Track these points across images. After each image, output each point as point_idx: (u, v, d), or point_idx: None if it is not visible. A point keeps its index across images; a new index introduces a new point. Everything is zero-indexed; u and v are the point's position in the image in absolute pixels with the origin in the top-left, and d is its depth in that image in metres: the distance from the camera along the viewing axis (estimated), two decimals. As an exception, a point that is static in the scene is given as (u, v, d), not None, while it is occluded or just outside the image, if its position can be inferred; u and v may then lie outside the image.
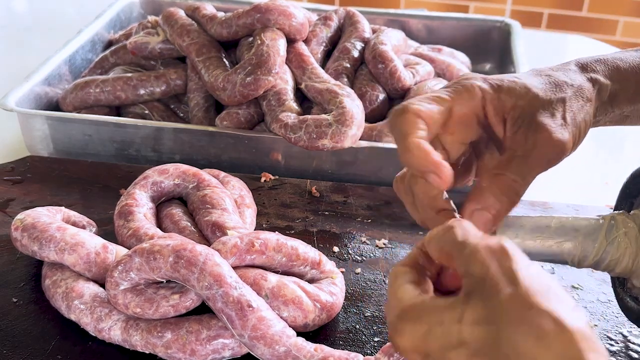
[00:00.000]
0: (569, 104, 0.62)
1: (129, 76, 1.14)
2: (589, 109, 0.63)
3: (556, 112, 0.61)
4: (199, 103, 1.11)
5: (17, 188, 0.99)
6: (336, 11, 1.25)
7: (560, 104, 0.62)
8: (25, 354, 0.71)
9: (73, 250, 0.76)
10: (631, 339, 0.76)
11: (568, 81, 0.64)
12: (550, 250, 0.63)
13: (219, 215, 0.83)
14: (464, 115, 0.61)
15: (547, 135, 0.59)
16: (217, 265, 0.70)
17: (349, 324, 0.77)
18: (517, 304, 0.42)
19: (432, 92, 0.62)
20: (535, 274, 0.44)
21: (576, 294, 0.83)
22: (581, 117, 0.62)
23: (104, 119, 1.07)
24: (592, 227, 0.64)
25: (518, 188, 0.59)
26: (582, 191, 1.07)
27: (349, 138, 0.98)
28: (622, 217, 0.64)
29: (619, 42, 2.69)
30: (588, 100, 0.63)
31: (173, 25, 1.16)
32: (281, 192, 1.00)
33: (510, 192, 0.59)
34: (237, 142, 1.04)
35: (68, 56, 1.22)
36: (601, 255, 0.63)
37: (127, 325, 0.71)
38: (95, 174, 1.03)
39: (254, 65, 1.04)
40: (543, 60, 1.54)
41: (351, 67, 1.16)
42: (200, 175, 0.90)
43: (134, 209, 0.84)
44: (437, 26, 1.42)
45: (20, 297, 0.79)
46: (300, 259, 0.77)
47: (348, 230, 0.93)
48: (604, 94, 0.66)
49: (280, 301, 0.72)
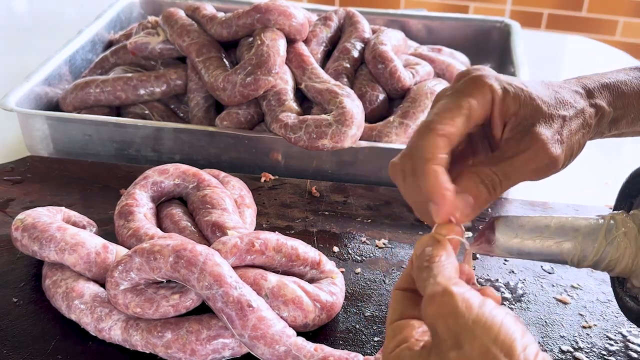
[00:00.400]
0: (568, 123, 0.63)
1: (129, 76, 1.14)
2: (585, 132, 0.64)
3: (554, 127, 0.62)
4: (199, 103, 1.11)
5: (17, 188, 0.99)
6: (336, 11, 1.25)
7: (560, 120, 0.62)
8: (26, 354, 0.71)
9: (73, 250, 0.76)
10: (630, 339, 0.77)
11: (572, 102, 0.64)
12: (549, 250, 0.63)
13: (219, 215, 0.83)
14: (478, 117, 0.61)
15: (541, 145, 0.60)
16: (217, 265, 0.70)
17: (348, 323, 0.77)
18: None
19: (449, 98, 0.60)
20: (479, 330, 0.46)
21: (576, 294, 0.83)
22: (576, 138, 0.63)
23: (104, 119, 1.07)
24: (592, 227, 0.64)
25: (496, 183, 0.59)
26: (582, 191, 1.07)
27: (349, 138, 0.98)
28: (621, 217, 0.64)
29: (618, 42, 2.69)
30: (587, 125, 0.64)
31: (173, 25, 1.16)
32: (281, 192, 1.00)
33: (488, 183, 0.59)
34: (237, 142, 1.04)
35: (68, 56, 1.22)
36: (601, 255, 0.63)
37: (127, 325, 0.72)
38: (95, 174, 1.03)
39: (254, 66, 1.04)
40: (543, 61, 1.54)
41: (351, 67, 1.16)
42: (200, 175, 0.90)
43: (134, 209, 0.84)
44: (437, 26, 1.42)
45: (21, 297, 0.79)
46: (300, 259, 0.77)
47: (348, 230, 0.93)
48: (605, 120, 0.66)
49: (280, 301, 0.72)
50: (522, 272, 0.86)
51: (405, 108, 1.08)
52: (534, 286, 0.84)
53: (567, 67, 1.64)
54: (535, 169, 0.60)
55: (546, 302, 0.81)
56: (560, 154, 0.61)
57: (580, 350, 0.75)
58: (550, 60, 1.61)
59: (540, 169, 0.61)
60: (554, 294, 0.83)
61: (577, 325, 0.78)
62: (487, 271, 0.86)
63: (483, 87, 0.61)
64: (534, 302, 0.81)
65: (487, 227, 0.65)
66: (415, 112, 1.07)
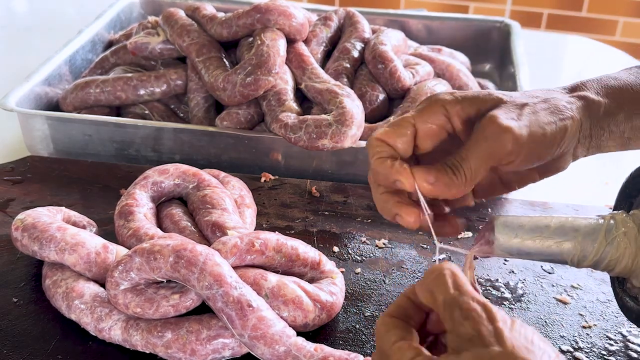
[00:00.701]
0: (531, 107, 0.64)
1: (129, 76, 1.14)
2: (563, 118, 0.64)
3: (512, 109, 0.63)
4: (199, 103, 1.11)
5: (17, 188, 0.99)
6: (336, 11, 1.25)
7: (520, 106, 0.64)
8: (26, 354, 0.71)
9: (73, 250, 0.76)
10: (630, 339, 0.77)
11: (542, 95, 0.66)
12: (549, 250, 0.63)
13: (219, 215, 0.83)
14: (429, 130, 0.65)
15: (490, 119, 0.62)
16: (217, 265, 0.70)
17: (348, 323, 0.77)
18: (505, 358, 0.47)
19: (399, 117, 0.66)
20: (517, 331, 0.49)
21: (576, 294, 0.83)
22: (546, 120, 0.63)
23: (104, 119, 1.07)
24: (592, 227, 0.64)
25: (457, 165, 0.61)
26: (582, 191, 1.07)
27: (349, 138, 0.98)
28: (621, 217, 0.64)
29: (618, 42, 2.69)
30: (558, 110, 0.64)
31: (173, 25, 1.16)
32: (281, 192, 1.00)
33: (449, 164, 0.61)
34: (237, 142, 1.04)
35: (68, 56, 1.22)
36: (601, 255, 0.63)
37: (127, 325, 0.72)
38: (95, 174, 1.03)
39: (254, 66, 1.04)
40: (543, 61, 1.54)
41: (351, 67, 1.16)
42: (200, 175, 0.90)
43: (134, 209, 0.84)
44: (437, 26, 1.42)
45: (21, 297, 0.79)
46: (300, 259, 0.77)
47: (348, 230, 0.93)
48: (595, 109, 0.66)
49: (280, 301, 0.72)
50: (522, 272, 0.86)
51: (405, 108, 1.08)
52: (534, 286, 0.84)
53: (567, 67, 1.64)
54: (489, 147, 0.61)
55: (546, 302, 0.81)
56: (513, 125, 0.61)
57: (580, 350, 0.75)
58: (550, 60, 1.61)
59: (496, 144, 0.61)
60: (554, 294, 0.83)
61: (577, 325, 0.78)
62: (487, 271, 0.86)
63: (432, 103, 0.65)
64: (534, 302, 0.81)
65: (486, 227, 0.65)
66: (415, 112, 1.07)
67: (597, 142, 0.67)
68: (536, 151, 0.63)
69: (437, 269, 0.54)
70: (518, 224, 0.63)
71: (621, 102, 0.67)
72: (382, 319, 0.56)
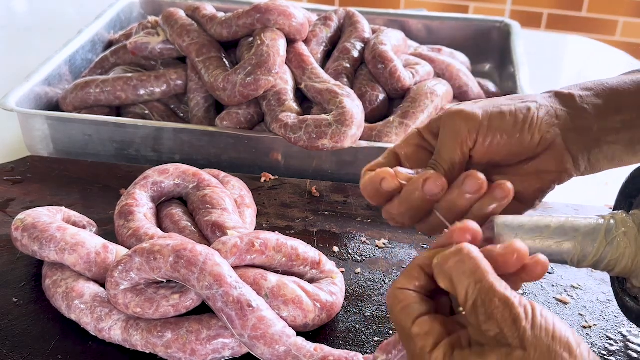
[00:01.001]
0: (491, 100, 0.68)
1: (129, 76, 1.14)
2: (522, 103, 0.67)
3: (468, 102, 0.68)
4: (199, 103, 1.11)
5: (17, 188, 0.99)
6: (336, 11, 1.25)
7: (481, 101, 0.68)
8: (26, 354, 0.71)
9: (73, 250, 0.76)
10: (630, 339, 0.77)
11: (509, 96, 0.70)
12: (549, 250, 0.63)
13: (219, 215, 0.83)
14: (410, 154, 0.69)
15: (446, 111, 0.67)
16: (217, 265, 0.70)
17: (348, 323, 0.77)
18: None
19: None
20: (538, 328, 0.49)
21: (576, 294, 0.83)
22: (503, 102, 0.67)
23: (104, 119, 1.07)
24: (592, 227, 0.64)
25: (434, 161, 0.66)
26: (582, 191, 1.07)
27: (349, 138, 0.98)
28: (621, 217, 0.64)
29: (618, 42, 2.69)
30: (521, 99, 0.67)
31: (173, 25, 1.16)
32: (281, 192, 1.00)
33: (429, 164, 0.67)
34: (237, 142, 1.04)
35: (68, 56, 1.22)
36: (601, 255, 0.63)
37: (127, 325, 0.72)
38: (95, 174, 1.03)
39: (254, 66, 1.04)
40: (543, 61, 1.54)
41: (351, 67, 1.16)
42: (200, 175, 0.90)
43: (134, 209, 0.84)
44: (437, 26, 1.42)
45: (21, 297, 0.79)
46: (300, 259, 0.77)
47: (348, 230, 0.93)
48: (567, 99, 0.67)
49: (280, 301, 0.72)
50: (522, 272, 0.86)
51: (405, 108, 1.08)
52: (534, 286, 0.84)
53: (567, 67, 1.64)
54: (450, 131, 0.66)
55: (546, 302, 0.81)
56: (465, 107, 0.66)
57: (580, 350, 0.75)
58: (550, 60, 1.61)
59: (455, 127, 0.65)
60: (554, 294, 0.83)
61: (577, 325, 0.78)
62: (487, 271, 0.86)
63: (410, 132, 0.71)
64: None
65: (486, 227, 0.65)
66: (415, 112, 1.07)
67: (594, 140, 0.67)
68: (499, 127, 0.65)
69: (458, 252, 0.54)
70: (518, 224, 0.63)
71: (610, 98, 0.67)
72: (397, 292, 0.56)
